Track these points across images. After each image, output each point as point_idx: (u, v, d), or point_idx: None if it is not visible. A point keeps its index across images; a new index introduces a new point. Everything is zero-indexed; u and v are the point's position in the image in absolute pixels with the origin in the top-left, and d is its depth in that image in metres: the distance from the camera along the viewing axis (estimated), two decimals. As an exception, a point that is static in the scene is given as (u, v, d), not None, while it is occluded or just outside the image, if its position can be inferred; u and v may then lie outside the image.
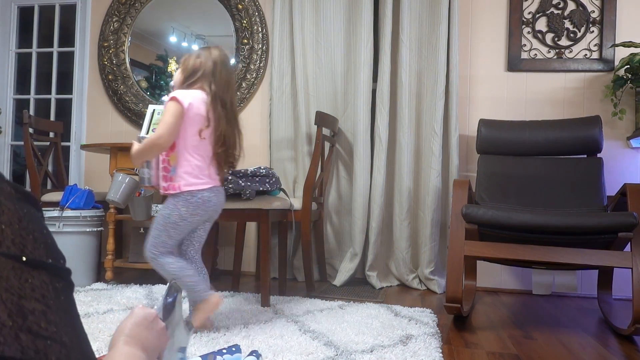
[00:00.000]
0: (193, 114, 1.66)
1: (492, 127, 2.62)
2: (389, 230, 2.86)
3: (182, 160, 1.68)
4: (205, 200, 1.69)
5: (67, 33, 3.54)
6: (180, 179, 1.67)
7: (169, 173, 1.70)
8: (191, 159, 1.68)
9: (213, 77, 1.71)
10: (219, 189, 1.77)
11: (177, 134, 1.65)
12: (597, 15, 2.76)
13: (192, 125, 1.66)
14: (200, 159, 1.69)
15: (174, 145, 1.67)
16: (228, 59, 1.78)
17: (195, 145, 1.68)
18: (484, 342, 1.76)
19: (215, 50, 1.75)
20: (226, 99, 1.72)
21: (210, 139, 1.71)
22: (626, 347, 1.77)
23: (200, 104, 1.68)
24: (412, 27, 2.81)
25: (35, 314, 0.37)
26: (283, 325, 1.81)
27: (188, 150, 1.67)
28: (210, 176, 1.72)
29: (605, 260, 1.83)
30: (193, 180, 1.67)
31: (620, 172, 2.67)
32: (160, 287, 2.46)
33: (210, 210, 1.74)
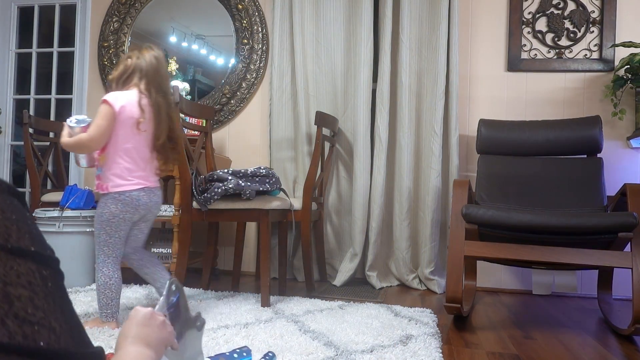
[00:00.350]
0: (125, 117, 1.69)
1: (492, 127, 2.62)
2: (389, 230, 2.86)
3: (111, 162, 1.72)
4: (134, 198, 1.72)
5: (67, 33, 3.54)
6: (109, 180, 1.72)
7: (97, 172, 1.76)
8: (121, 161, 1.71)
9: (146, 76, 1.76)
10: (153, 190, 1.79)
11: (109, 137, 1.69)
12: (597, 15, 2.76)
13: (123, 128, 1.70)
14: (131, 161, 1.72)
15: (105, 147, 1.71)
16: (161, 59, 1.83)
17: (127, 147, 1.71)
18: (484, 342, 1.76)
19: (148, 51, 1.81)
20: (159, 97, 1.76)
21: (147, 138, 1.75)
22: (626, 347, 1.77)
23: (134, 105, 1.71)
24: (412, 27, 2.81)
25: (21, 300, 0.38)
26: (283, 325, 1.81)
27: (118, 153, 1.71)
28: (142, 177, 1.75)
29: (605, 260, 1.83)
30: (120, 181, 1.71)
31: (620, 172, 2.67)
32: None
33: (141, 209, 1.76)
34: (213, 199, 2.14)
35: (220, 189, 2.12)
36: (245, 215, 2.17)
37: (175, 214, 2.55)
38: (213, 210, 2.20)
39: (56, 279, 0.43)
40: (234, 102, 3.14)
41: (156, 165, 1.80)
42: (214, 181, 2.17)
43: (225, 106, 3.15)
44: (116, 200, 1.71)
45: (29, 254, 0.41)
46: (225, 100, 3.14)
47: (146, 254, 1.90)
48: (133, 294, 2.30)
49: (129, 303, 2.12)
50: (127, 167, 1.71)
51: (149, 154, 1.76)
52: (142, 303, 2.13)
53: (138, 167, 1.73)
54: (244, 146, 3.15)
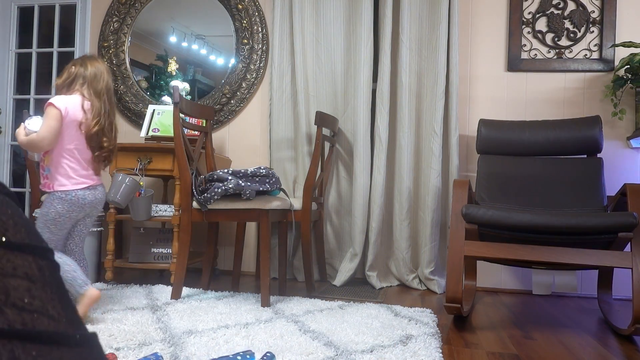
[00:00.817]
0: (69, 119, 1.82)
1: (492, 127, 2.62)
2: (389, 230, 2.86)
3: (56, 162, 1.83)
4: (80, 197, 1.84)
5: (67, 33, 3.54)
6: (54, 179, 1.83)
7: (44, 172, 1.86)
8: (66, 161, 1.83)
9: (88, 83, 1.89)
10: (97, 187, 1.91)
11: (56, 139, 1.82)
12: (597, 15, 2.76)
13: (67, 130, 1.82)
14: (75, 161, 1.85)
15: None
16: (102, 69, 1.95)
17: (71, 148, 1.83)
18: (484, 342, 1.76)
19: (91, 61, 1.94)
20: (100, 103, 1.89)
21: (89, 140, 1.87)
22: (626, 347, 1.77)
23: (76, 109, 1.84)
24: (412, 27, 2.81)
25: (19, 290, 0.39)
26: (283, 325, 1.81)
27: (62, 154, 1.83)
28: (87, 176, 1.88)
29: (605, 261, 1.83)
30: (65, 181, 1.83)
31: (621, 172, 2.67)
32: (160, 287, 2.46)
33: (87, 207, 1.88)
34: (213, 199, 2.14)
35: (220, 189, 2.12)
36: (245, 215, 2.17)
37: (175, 214, 2.55)
38: (213, 210, 2.20)
39: (52, 269, 0.45)
40: (234, 102, 3.14)
41: (97, 166, 1.93)
42: (214, 181, 2.17)
43: (225, 106, 3.15)
44: (62, 200, 1.82)
45: (25, 247, 0.42)
46: (225, 100, 3.14)
47: (82, 255, 2.00)
48: (133, 293, 2.30)
49: (129, 303, 2.12)
50: (72, 167, 1.84)
51: (92, 154, 1.89)
52: (142, 303, 2.13)
53: (82, 167, 1.86)
54: (244, 146, 3.15)
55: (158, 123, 2.82)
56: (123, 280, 2.64)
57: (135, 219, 2.56)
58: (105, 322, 1.79)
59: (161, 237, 2.75)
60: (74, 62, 1.94)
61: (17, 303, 0.38)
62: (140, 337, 1.62)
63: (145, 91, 3.30)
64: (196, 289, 2.44)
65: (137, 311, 1.97)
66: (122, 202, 2.43)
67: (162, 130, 2.79)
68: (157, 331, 1.70)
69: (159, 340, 1.60)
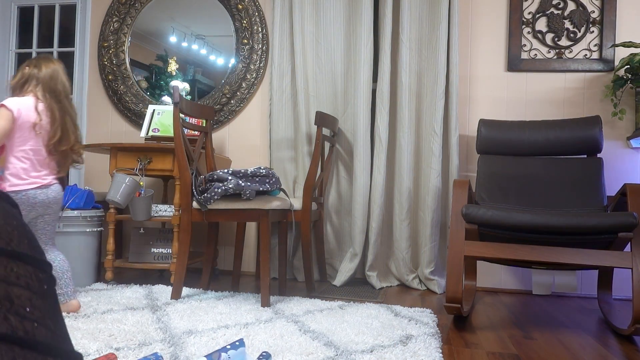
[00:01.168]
0: (22, 120, 1.84)
1: (492, 127, 2.62)
2: (389, 230, 2.86)
3: (8, 163, 1.87)
4: (30, 197, 1.86)
5: (67, 33, 3.54)
6: (6, 180, 1.86)
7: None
8: (17, 162, 1.86)
9: (41, 84, 1.91)
10: (49, 187, 1.93)
11: (6, 139, 1.84)
12: (597, 15, 2.76)
13: (20, 131, 1.85)
14: (28, 162, 1.87)
15: (2, 149, 1.86)
16: (57, 69, 1.97)
17: (24, 149, 1.86)
18: (484, 342, 1.76)
19: (45, 61, 1.95)
20: (54, 103, 1.92)
21: (44, 141, 1.90)
22: (626, 347, 1.77)
23: (29, 110, 1.86)
24: (412, 27, 2.81)
25: (21, 299, 0.40)
26: (283, 325, 1.81)
27: (14, 154, 1.85)
28: (38, 177, 1.90)
29: (605, 261, 1.83)
30: (17, 181, 1.85)
31: (620, 172, 2.67)
32: (160, 287, 2.46)
33: (38, 207, 1.90)
34: (213, 199, 2.14)
35: (220, 189, 2.12)
36: (245, 215, 2.17)
37: (175, 214, 2.55)
38: (213, 210, 2.20)
39: (50, 282, 0.46)
40: (234, 102, 3.14)
41: (53, 166, 1.95)
42: (214, 181, 2.17)
43: (225, 106, 3.15)
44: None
45: (27, 258, 0.44)
46: (225, 100, 3.14)
47: (53, 252, 2.01)
48: (133, 293, 2.30)
49: (129, 303, 2.12)
50: (23, 167, 1.86)
51: (46, 155, 1.92)
52: (142, 303, 2.13)
53: (34, 168, 1.89)
54: (244, 146, 3.15)
55: (158, 123, 2.82)
56: (123, 280, 2.64)
57: (135, 219, 2.56)
58: (105, 322, 1.79)
59: (161, 237, 2.75)
60: (28, 62, 1.96)
61: (20, 311, 0.39)
62: (140, 337, 1.62)
63: (145, 91, 3.30)
64: (196, 289, 2.44)
65: (137, 311, 1.97)
66: (122, 202, 2.43)
67: (162, 130, 2.79)
68: (157, 331, 1.70)
69: (159, 340, 1.60)
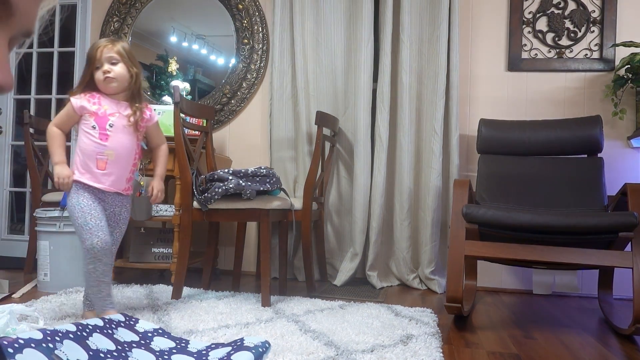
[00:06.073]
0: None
1: (493, 127, 2.62)
2: (390, 230, 2.86)
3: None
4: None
5: (67, 33, 3.54)
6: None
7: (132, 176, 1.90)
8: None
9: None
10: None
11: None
12: (597, 15, 2.76)
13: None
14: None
15: (141, 154, 1.88)
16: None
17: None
18: (484, 342, 1.76)
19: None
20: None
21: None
22: (627, 346, 1.77)
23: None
24: (412, 27, 2.81)
25: None
26: (283, 325, 1.81)
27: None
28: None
29: (605, 260, 1.82)
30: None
31: (621, 172, 2.67)
32: (161, 286, 2.47)
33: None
34: (213, 198, 2.14)
35: (220, 189, 2.12)
36: (245, 215, 2.17)
37: (175, 213, 2.55)
38: (213, 210, 2.20)
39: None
40: (235, 102, 3.14)
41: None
42: (215, 181, 2.17)
43: (225, 106, 3.15)
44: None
45: None
46: (225, 100, 3.14)
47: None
48: (134, 293, 2.30)
49: (129, 303, 2.12)
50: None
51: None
52: (143, 303, 2.13)
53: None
54: (244, 146, 3.15)
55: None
56: (124, 280, 2.64)
57: (135, 218, 2.56)
58: (106, 322, 1.78)
59: (162, 237, 2.75)
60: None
61: None
62: (140, 337, 1.62)
63: (145, 91, 3.29)
64: (197, 289, 2.44)
65: (138, 311, 1.97)
66: (123, 202, 2.43)
67: (162, 130, 2.78)
68: (157, 331, 1.70)
69: (160, 340, 1.60)
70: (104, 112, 1.75)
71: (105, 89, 1.76)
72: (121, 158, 1.77)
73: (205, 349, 1.27)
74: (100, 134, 1.73)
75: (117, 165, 1.76)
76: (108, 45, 1.75)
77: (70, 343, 1.03)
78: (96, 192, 1.74)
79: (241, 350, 1.18)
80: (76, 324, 1.11)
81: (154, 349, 1.23)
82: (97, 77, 1.74)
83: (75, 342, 1.05)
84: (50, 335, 1.00)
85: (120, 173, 1.78)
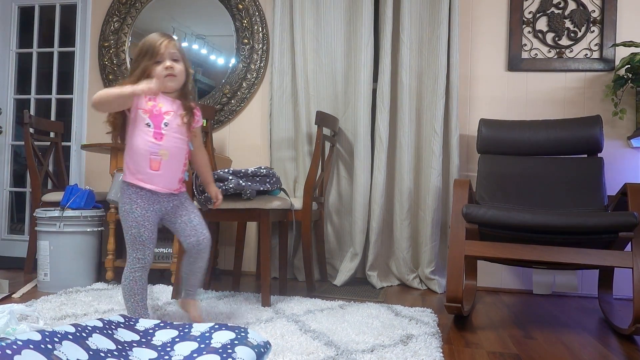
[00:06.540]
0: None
1: (493, 127, 2.62)
2: (390, 230, 2.86)
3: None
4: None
5: (67, 33, 3.54)
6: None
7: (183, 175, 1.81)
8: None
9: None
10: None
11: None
12: (597, 14, 2.76)
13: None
14: None
15: (190, 154, 1.79)
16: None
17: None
18: (484, 342, 1.76)
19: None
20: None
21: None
22: (627, 346, 1.77)
23: None
24: (412, 27, 2.81)
25: None
26: (283, 325, 1.81)
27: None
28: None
29: (605, 260, 1.82)
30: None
31: (621, 172, 2.67)
32: (161, 286, 2.46)
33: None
34: (213, 198, 2.14)
35: (220, 189, 2.12)
36: (245, 215, 2.17)
37: (175, 213, 2.55)
38: (213, 210, 2.20)
39: None
40: (235, 102, 3.14)
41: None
42: (215, 181, 2.17)
43: (225, 106, 3.15)
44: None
45: None
46: (225, 100, 3.14)
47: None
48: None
49: (130, 303, 2.12)
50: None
51: None
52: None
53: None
54: (244, 146, 3.15)
55: (158, 123, 2.81)
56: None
57: (135, 218, 2.56)
58: (106, 322, 1.78)
59: (161, 236, 2.75)
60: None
61: None
62: (140, 337, 1.62)
63: (145, 91, 3.30)
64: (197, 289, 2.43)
65: (138, 311, 1.97)
66: (123, 202, 2.43)
67: (162, 130, 2.78)
68: (157, 331, 1.70)
69: (160, 340, 1.60)
70: (159, 110, 1.65)
71: (164, 86, 1.66)
72: (174, 158, 1.67)
73: (208, 330, 1.26)
74: (155, 132, 1.62)
75: (170, 166, 1.66)
76: (171, 40, 1.67)
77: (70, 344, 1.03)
78: (149, 195, 1.64)
79: (244, 345, 1.18)
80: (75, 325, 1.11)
81: (155, 345, 1.23)
82: (157, 72, 1.64)
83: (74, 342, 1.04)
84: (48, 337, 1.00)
85: (173, 174, 1.68)
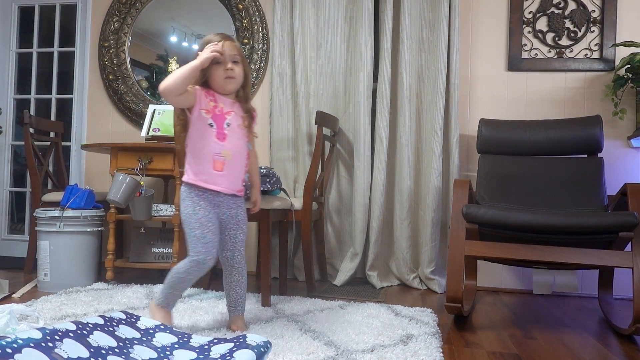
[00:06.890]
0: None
1: (493, 127, 2.62)
2: (390, 230, 2.86)
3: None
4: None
5: (67, 33, 3.54)
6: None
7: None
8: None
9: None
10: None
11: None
12: (597, 14, 2.76)
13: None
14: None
15: (249, 154, 1.77)
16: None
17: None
18: (484, 342, 1.76)
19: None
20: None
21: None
22: (627, 346, 1.77)
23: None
24: (412, 27, 2.81)
25: None
26: (283, 325, 1.81)
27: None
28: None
29: (605, 260, 1.83)
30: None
31: (621, 172, 2.67)
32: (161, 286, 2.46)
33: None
34: (213, 198, 2.14)
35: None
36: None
37: (175, 213, 2.55)
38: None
39: None
40: (235, 102, 3.14)
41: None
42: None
43: (225, 106, 3.15)
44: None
45: None
46: (225, 100, 3.14)
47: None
48: (134, 293, 2.30)
49: (130, 302, 2.12)
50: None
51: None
52: (143, 302, 2.13)
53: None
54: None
55: (159, 123, 2.82)
56: (124, 280, 2.64)
57: (135, 218, 2.56)
58: (106, 322, 1.78)
59: (162, 236, 2.75)
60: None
61: None
62: (140, 337, 1.62)
63: (145, 91, 3.30)
64: (197, 289, 2.44)
65: (138, 311, 1.97)
66: (123, 202, 2.44)
67: (162, 130, 2.79)
68: (157, 331, 1.70)
69: (160, 339, 1.60)
70: (221, 110, 1.64)
71: (223, 87, 1.65)
72: (236, 159, 1.66)
73: (207, 343, 1.27)
74: (217, 132, 1.62)
75: (233, 166, 1.66)
76: (232, 42, 1.66)
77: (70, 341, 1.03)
78: (211, 196, 1.63)
79: (243, 348, 1.18)
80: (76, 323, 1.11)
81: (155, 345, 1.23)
82: (217, 73, 1.63)
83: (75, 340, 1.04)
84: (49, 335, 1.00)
85: (235, 174, 1.67)
